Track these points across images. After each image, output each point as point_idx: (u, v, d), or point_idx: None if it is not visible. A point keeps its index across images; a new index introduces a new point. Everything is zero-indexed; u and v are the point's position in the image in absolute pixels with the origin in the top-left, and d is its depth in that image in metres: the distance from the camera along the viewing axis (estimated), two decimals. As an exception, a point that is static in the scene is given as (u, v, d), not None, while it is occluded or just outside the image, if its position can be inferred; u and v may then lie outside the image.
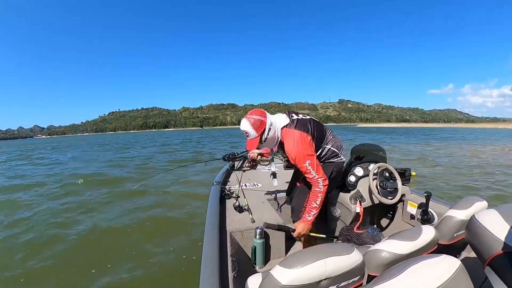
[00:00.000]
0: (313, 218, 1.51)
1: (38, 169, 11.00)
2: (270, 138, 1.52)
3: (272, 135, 1.51)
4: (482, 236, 0.72)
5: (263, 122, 1.47)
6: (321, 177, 1.48)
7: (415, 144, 17.29)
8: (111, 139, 49.76)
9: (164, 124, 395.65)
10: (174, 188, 6.37)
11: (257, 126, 1.47)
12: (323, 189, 1.48)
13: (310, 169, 1.47)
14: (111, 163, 11.46)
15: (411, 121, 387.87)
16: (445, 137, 24.98)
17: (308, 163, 1.46)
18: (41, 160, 14.39)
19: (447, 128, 78.73)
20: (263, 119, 1.48)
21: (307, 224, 1.51)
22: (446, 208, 1.44)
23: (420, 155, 10.93)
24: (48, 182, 7.72)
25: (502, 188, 5.56)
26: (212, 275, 1.06)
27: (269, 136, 1.50)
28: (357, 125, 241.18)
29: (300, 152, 1.47)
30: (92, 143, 34.45)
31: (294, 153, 1.48)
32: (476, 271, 0.80)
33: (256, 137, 1.48)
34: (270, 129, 1.49)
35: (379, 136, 28.19)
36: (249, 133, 1.47)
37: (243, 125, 1.48)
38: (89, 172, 9.22)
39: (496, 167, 7.93)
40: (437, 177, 6.60)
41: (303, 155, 1.47)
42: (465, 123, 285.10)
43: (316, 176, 1.47)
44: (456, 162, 9.07)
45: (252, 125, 1.46)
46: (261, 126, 1.47)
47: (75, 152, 19.46)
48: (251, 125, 1.46)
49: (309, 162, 1.46)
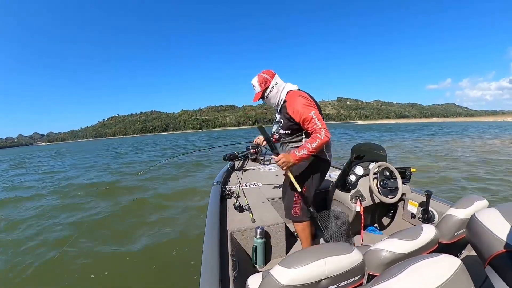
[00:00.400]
0: (300, 157, 1.50)
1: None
2: (272, 97, 1.66)
3: (273, 94, 1.65)
4: (483, 235, 0.72)
5: (267, 80, 1.63)
6: (325, 128, 1.48)
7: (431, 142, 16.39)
8: (111, 144, 49.16)
9: (163, 127, 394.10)
10: (174, 188, 6.38)
11: (261, 82, 1.63)
12: (323, 138, 1.46)
13: (315, 118, 1.48)
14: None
15: (410, 116, 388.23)
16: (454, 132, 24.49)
17: (313, 113, 1.49)
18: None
19: (446, 122, 78.10)
20: (269, 78, 1.64)
21: (293, 158, 1.50)
22: (447, 207, 1.44)
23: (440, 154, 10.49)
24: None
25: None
26: (212, 274, 1.06)
27: (271, 95, 1.65)
28: (356, 122, 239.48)
29: (305, 104, 1.52)
30: (99, 148, 33.36)
31: (299, 106, 1.52)
32: (476, 270, 0.80)
33: (259, 92, 1.65)
34: (273, 88, 1.64)
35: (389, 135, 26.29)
36: (255, 86, 1.66)
37: (253, 79, 1.67)
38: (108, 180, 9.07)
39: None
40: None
41: (308, 106, 1.52)
42: (464, 117, 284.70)
43: (320, 126, 1.48)
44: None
45: (258, 81, 1.64)
46: (264, 83, 1.63)
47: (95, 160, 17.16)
48: (257, 81, 1.64)
49: (314, 113, 1.50)
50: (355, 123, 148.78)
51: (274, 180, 2.78)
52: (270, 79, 1.64)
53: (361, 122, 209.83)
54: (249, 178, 2.86)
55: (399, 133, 26.48)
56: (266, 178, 2.85)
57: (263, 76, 1.64)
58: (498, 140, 15.04)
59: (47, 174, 11.32)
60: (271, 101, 1.69)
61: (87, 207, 5.21)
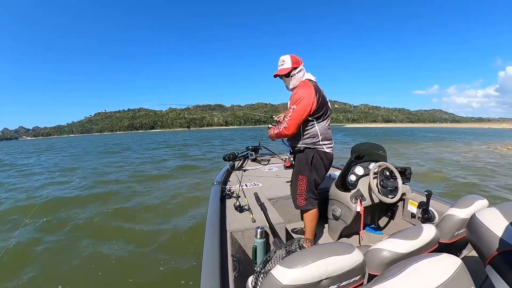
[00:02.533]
0: (270, 135, 1.93)
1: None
2: (295, 78, 1.78)
3: (297, 77, 1.78)
4: (483, 235, 0.72)
5: (298, 62, 1.77)
6: (288, 126, 1.70)
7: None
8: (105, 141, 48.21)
9: (151, 125, 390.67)
10: (174, 188, 6.38)
11: (294, 61, 1.76)
12: (281, 130, 1.75)
13: (291, 113, 1.68)
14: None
15: (396, 121, 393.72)
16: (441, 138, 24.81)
17: (293, 108, 1.67)
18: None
19: (433, 128, 79.62)
20: (300, 62, 1.79)
21: (270, 133, 1.92)
22: (447, 207, 1.44)
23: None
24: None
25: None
26: (212, 275, 1.06)
27: (296, 76, 1.78)
28: (344, 125, 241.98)
29: (296, 97, 1.68)
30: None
31: (294, 96, 1.70)
32: (477, 270, 0.80)
33: (289, 68, 1.75)
34: (300, 71, 1.78)
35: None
36: (285, 62, 1.77)
37: (285, 56, 1.78)
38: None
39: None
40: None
41: (297, 100, 1.67)
42: (451, 123, 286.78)
43: (287, 120, 1.71)
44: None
45: (291, 59, 1.76)
46: (296, 63, 1.76)
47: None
48: (291, 58, 1.76)
49: (294, 108, 1.67)
50: (343, 126, 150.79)
51: (274, 180, 2.78)
52: (300, 63, 1.78)
53: (348, 125, 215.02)
54: (249, 178, 2.87)
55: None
56: (266, 178, 2.85)
57: (296, 57, 1.78)
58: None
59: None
60: (291, 81, 1.79)
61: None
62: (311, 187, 1.84)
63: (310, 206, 1.85)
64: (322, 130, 1.77)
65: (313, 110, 1.68)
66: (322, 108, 1.72)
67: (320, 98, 1.69)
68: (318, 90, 1.70)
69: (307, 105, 1.65)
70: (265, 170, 3.32)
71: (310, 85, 1.70)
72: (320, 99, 1.69)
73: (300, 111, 1.66)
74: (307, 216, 1.88)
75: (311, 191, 1.84)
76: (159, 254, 3.05)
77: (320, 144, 1.78)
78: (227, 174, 2.91)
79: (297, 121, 1.69)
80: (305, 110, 1.66)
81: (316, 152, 1.79)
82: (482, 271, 0.73)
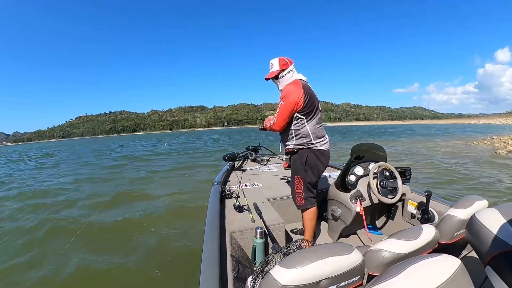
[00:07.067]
0: (265, 124, 1.98)
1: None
2: (284, 79, 1.84)
3: (285, 78, 1.83)
4: (483, 235, 0.72)
5: (286, 64, 1.82)
6: (277, 121, 1.78)
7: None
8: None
9: (133, 128, 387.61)
10: (174, 188, 6.38)
11: (282, 63, 1.82)
12: (272, 125, 1.83)
13: (279, 108, 1.75)
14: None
15: (378, 119, 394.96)
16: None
17: (281, 104, 1.73)
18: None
19: (415, 125, 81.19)
20: (288, 63, 1.83)
21: (266, 122, 1.96)
22: (447, 207, 1.44)
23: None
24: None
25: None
26: (212, 275, 1.06)
27: (284, 77, 1.83)
28: (326, 124, 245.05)
29: (283, 95, 1.74)
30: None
31: (283, 92, 1.76)
32: (476, 270, 0.80)
33: (277, 71, 1.82)
34: (288, 72, 1.83)
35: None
36: (273, 65, 1.84)
37: (274, 59, 1.85)
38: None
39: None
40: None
41: (284, 96, 1.72)
42: (431, 120, 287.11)
43: (275, 116, 1.79)
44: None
45: (280, 61, 1.82)
46: (284, 65, 1.82)
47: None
48: (279, 61, 1.82)
49: (282, 104, 1.73)
50: (325, 125, 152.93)
51: (274, 180, 2.78)
52: (289, 64, 1.83)
53: (330, 124, 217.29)
54: (249, 178, 2.86)
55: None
56: (266, 178, 2.85)
57: (284, 59, 1.83)
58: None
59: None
60: (282, 83, 1.84)
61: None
62: (308, 187, 1.88)
63: (309, 204, 1.89)
64: (313, 129, 1.80)
65: (301, 106, 1.72)
66: (310, 105, 1.76)
67: (307, 96, 1.74)
68: (306, 89, 1.76)
69: (293, 101, 1.70)
70: (264, 170, 3.32)
71: (299, 83, 1.76)
72: (307, 96, 1.73)
73: (287, 106, 1.72)
74: (306, 215, 1.90)
75: (308, 190, 1.88)
76: (158, 254, 3.05)
77: (313, 143, 1.81)
78: (227, 174, 2.91)
79: (285, 116, 1.75)
80: (292, 106, 1.72)
81: (311, 152, 1.82)
82: (482, 271, 0.73)
